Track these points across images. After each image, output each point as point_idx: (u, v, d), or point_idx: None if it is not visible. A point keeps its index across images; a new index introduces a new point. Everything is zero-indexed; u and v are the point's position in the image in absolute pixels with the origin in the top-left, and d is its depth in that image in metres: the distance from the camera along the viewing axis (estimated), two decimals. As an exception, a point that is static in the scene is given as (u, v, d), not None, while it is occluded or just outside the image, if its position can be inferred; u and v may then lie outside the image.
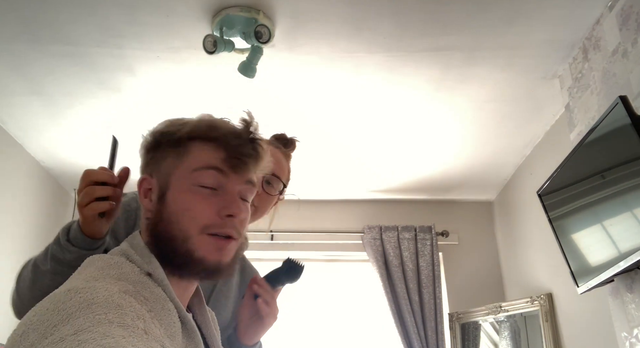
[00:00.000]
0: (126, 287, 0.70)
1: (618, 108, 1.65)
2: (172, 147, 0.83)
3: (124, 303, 0.65)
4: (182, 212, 0.79)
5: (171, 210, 0.79)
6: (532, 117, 2.69)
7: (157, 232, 0.80)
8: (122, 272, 0.74)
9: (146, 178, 0.84)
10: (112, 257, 0.77)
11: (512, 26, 2.03)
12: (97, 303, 0.62)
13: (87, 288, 0.65)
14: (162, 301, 0.73)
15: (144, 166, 0.86)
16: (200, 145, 0.82)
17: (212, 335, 0.88)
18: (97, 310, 0.61)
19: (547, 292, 2.82)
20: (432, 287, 3.33)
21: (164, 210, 0.80)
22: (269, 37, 1.95)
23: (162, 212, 0.80)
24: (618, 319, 1.86)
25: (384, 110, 2.61)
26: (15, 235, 2.89)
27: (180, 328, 0.74)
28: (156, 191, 0.83)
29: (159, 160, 0.84)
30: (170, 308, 0.74)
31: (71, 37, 2.09)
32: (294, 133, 1.50)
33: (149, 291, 0.73)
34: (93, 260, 0.77)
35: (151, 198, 0.83)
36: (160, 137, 0.85)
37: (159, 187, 0.82)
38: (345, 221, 3.61)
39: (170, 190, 0.81)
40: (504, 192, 3.48)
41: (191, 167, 0.81)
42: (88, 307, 0.61)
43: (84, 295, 0.64)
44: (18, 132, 2.81)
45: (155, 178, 0.83)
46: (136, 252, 0.79)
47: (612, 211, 1.77)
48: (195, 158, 0.81)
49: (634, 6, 1.77)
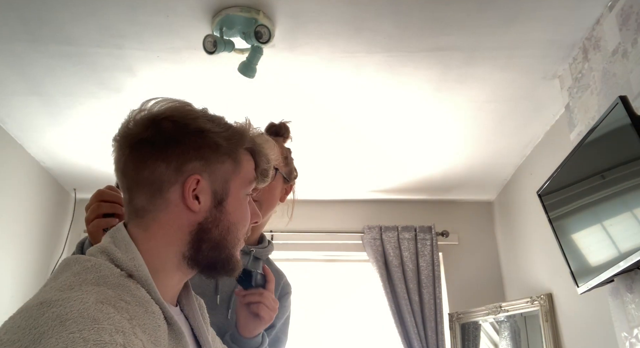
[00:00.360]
0: (105, 293, 0.66)
1: (618, 108, 1.65)
2: (229, 152, 0.83)
3: (101, 316, 0.61)
4: (240, 222, 0.83)
5: (232, 219, 0.82)
6: (532, 117, 2.69)
7: (209, 237, 0.80)
8: (100, 276, 0.70)
9: (197, 179, 0.80)
10: (90, 259, 0.73)
11: (512, 26, 2.03)
12: (72, 319, 0.59)
13: (61, 300, 0.62)
14: (146, 304, 0.71)
15: (184, 162, 0.80)
16: (248, 156, 0.87)
17: (201, 326, 0.88)
18: (71, 327, 0.58)
19: (547, 292, 2.82)
20: (432, 287, 3.33)
21: (223, 217, 0.81)
22: (269, 37, 1.95)
23: (220, 219, 0.81)
24: (618, 319, 1.86)
25: (384, 110, 2.61)
26: (15, 235, 2.89)
27: (165, 331, 0.72)
28: (209, 195, 0.80)
29: (214, 163, 0.81)
30: (155, 310, 0.71)
31: (71, 37, 2.09)
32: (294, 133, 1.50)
33: (131, 294, 0.70)
34: (69, 263, 0.74)
35: (200, 201, 0.80)
36: (218, 139, 0.82)
37: (213, 191, 0.81)
38: (345, 221, 3.61)
39: (230, 198, 0.82)
40: (504, 192, 3.48)
41: (248, 178, 0.86)
42: (61, 324, 0.58)
43: (57, 309, 0.60)
44: (18, 132, 2.81)
45: (207, 180, 0.81)
46: (119, 247, 0.76)
47: (612, 211, 1.77)
48: (248, 170, 0.86)
49: (634, 6, 1.77)
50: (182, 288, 0.87)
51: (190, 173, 0.79)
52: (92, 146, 2.95)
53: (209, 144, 0.81)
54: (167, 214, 0.79)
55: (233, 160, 0.83)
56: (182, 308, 0.87)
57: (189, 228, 0.79)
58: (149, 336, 0.68)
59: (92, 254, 0.76)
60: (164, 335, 0.71)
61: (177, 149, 0.80)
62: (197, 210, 0.79)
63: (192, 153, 0.80)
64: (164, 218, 0.79)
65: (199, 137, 0.81)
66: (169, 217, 0.79)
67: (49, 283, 0.71)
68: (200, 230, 0.80)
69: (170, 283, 0.80)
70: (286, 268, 1.48)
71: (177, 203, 0.79)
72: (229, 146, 0.83)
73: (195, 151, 0.80)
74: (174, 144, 0.80)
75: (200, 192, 0.80)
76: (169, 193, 0.79)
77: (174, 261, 0.79)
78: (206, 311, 0.95)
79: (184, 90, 2.45)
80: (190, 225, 0.79)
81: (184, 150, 0.80)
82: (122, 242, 0.77)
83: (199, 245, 0.79)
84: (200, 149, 0.81)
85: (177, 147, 0.80)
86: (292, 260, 3.49)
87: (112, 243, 0.77)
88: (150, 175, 0.79)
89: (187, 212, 0.79)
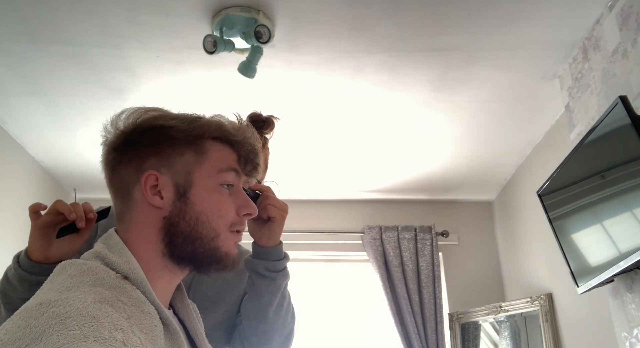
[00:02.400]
0: (102, 293, 0.67)
1: (618, 108, 1.65)
2: (188, 144, 0.82)
3: (100, 314, 0.62)
4: (212, 211, 0.81)
5: (199, 209, 0.80)
6: (532, 117, 2.68)
7: (178, 230, 0.79)
8: (97, 278, 0.71)
9: (153, 174, 0.80)
10: (85, 262, 0.74)
11: (512, 26, 2.03)
12: (71, 317, 0.59)
13: (60, 300, 0.62)
14: (142, 305, 0.71)
15: (142, 160, 0.81)
16: (218, 146, 0.85)
17: (196, 327, 0.88)
18: (72, 325, 0.58)
19: (547, 292, 2.82)
20: (432, 287, 3.33)
21: (188, 208, 0.80)
22: (269, 37, 1.95)
23: (185, 210, 0.80)
24: (618, 319, 1.86)
25: (384, 110, 2.61)
26: (15, 235, 2.89)
27: (162, 331, 0.73)
28: (171, 188, 0.80)
29: (172, 156, 0.81)
30: (151, 311, 0.72)
31: (71, 37, 2.09)
32: (293, 133, 1.49)
33: (127, 295, 0.71)
34: (65, 266, 0.74)
35: (162, 196, 0.80)
36: (173, 132, 0.82)
37: (174, 185, 0.81)
38: (345, 221, 3.61)
39: (195, 188, 0.81)
40: (504, 192, 3.48)
41: (216, 167, 0.83)
42: (62, 323, 0.59)
43: (56, 308, 0.61)
44: (18, 132, 2.81)
45: (166, 175, 0.81)
46: (113, 252, 0.77)
47: (612, 211, 1.77)
48: (217, 159, 0.84)
49: (634, 6, 1.77)
50: (176, 292, 0.88)
51: (147, 169, 0.81)
52: (92, 146, 2.94)
53: (164, 138, 0.82)
54: (137, 214, 0.81)
55: (194, 152, 0.82)
56: (176, 311, 0.88)
57: (158, 224, 0.80)
58: (146, 335, 0.68)
59: (86, 258, 0.77)
60: (160, 335, 0.72)
61: (136, 149, 0.82)
62: (161, 205, 0.80)
63: (148, 150, 0.82)
64: (135, 218, 0.81)
65: (154, 134, 0.83)
66: (139, 217, 0.81)
67: (46, 286, 0.71)
68: (168, 224, 0.80)
69: (160, 283, 0.80)
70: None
71: (142, 201, 0.80)
72: (187, 138, 0.82)
73: (152, 148, 0.82)
74: (132, 145, 0.83)
75: (162, 187, 0.81)
76: (134, 193, 0.81)
77: (157, 260, 0.80)
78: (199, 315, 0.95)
79: (184, 90, 2.45)
80: (158, 221, 0.80)
81: (141, 149, 0.82)
82: (116, 246, 0.78)
83: (172, 239, 0.79)
84: (156, 145, 0.82)
85: (135, 148, 0.82)
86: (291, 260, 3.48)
87: (106, 248, 0.78)
88: (119, 179, 0.83)
89: (152, 208, 0.80)
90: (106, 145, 0.85)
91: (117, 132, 0.84)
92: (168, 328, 0.75)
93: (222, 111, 0.92)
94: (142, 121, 0.84)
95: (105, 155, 0.85)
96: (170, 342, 0.75)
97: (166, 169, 0.81)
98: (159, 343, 0.70)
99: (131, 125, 0.84)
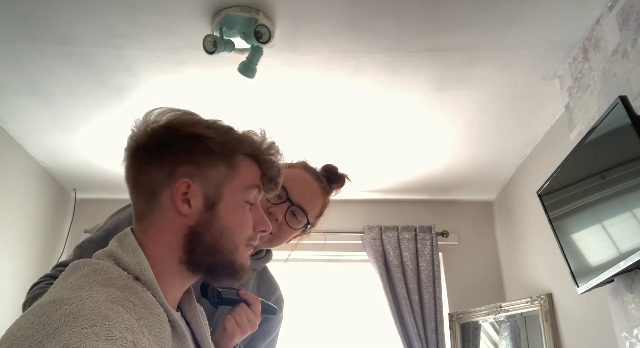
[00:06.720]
0: (114, 294, 0.68)
1: (618, 108, 1.65)
2: (223, 157, 0.83)
3: (112, 314, 0.63)
4: (236, 227, 0.83)
5: (225, 224, 0.81)
6: (532, 117, 2.69)
7: (202, 241, 0.80)
8: (109, 278, 0.72)
9: (186, 182, 0.80)
10: (98, 262, 0.75)
11: (512, 26, 2.03)
12: (84, 316, 0.61)
13: (73, 299, 0.63)
14: (151, 306, 0.72)
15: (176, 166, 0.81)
16: (248, 162, 0.86)
17: (202, 331, 0.89)
18: (84, 323, 0.60)
19: (547, 292, 2.82)
20: (432, 287, 3.33)
21: (215, 221, 0.81)
22: (269, 37, 1.95)
23: (211, 222, 0.81)
24: (618, 319, 1.86)
25: (384, 110, 2.61)
26: (15, 235, 2.89)
27: (170, 333, 0.73)
28: (200, 199, 0.81)
29: (206, 166, 0.82)
30: (160, 313, 0.73)
31: (71, 37, 2.09)
32: (293, 133, 1.49)
33: (137, 296, 0.72)
34: (77, 266, 0.75)
35: (191, 205, 0.80)
36: (210, 144, 0.82)
37: (204, 195, 0.81)
38: (345, 221, 3.60)
39: (224, 202, 0.82)
40: (504, 192, 3.48)
41: (245, 184, 0.85)
42: (74, 321, 0.60)
43: (69, 307, 0.62)
44: (18, 132, 2.81)
45: (198, 184, 0.81)
46: (126, 252, 0.77)
47: (612, 211, 1.77)
48: (247, 175, 0.86)
49: (634, 6, 1.77)
50: (184, 294, 0.88)
51: (181, 176, 0.81)
52: (92, 146, 2.95)
53: (202, 148, 0.83)
54: (161, 218, 0.81)
55: (227, 165, 0.83)
56: (183, 313, 0.88)
57: (181, 231, 0.80)
58: (155, 337, 0.69)
59: (99, 258, 0.78)
60: (168, 337, 0.73)
61: (170, 154, 0.82)
62: (188, 214, 0.80)
63: (183, 157, 0.82)
64: (158, 222, 0.81)
65: (192, 142, 0.83)
66: (163, 221, 0.81)
67: (58, 284, 0.72)
68: (192, 233, 0.80)
69: (171, 287, 0.81)
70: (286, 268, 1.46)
71: (169, 206, 0.81)
72: (223, 151, 0.83)
73: (187, 155, 0.82)
74: (167, 149, 0.82)
75: (192, 196, 0.81)
76: (161, 197, 0.81)
77: (173, 265, 0.80)
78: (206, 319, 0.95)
79: (184, 90, 2.45)
80: (182, 228, 0.80)
81: (176, 155, 0.82)
82: (130, 246, 0.78)
83: (193, 248, 0.80)
84: (192, 154, 0.82)
85: (170, 152, 0.82)
86: (291, 260, 3.47)
87: (119, 247, 0.79)
88: (146, 180, 0.82)
89: (178, 215, 0.80)
90: (134, 142, 0.84)
91: (148, 131, 0.84)
92: (176, 331, 0.76)
93: (222, 111, 0.92)
94: (179, 125, 0.84)
95: (134, 152, 0.84)
96: (178, 345, 0.76)
97: (199, 178, 0.81)
98: (166, 345, 0.71)
99: (165, 128, 0.83)
